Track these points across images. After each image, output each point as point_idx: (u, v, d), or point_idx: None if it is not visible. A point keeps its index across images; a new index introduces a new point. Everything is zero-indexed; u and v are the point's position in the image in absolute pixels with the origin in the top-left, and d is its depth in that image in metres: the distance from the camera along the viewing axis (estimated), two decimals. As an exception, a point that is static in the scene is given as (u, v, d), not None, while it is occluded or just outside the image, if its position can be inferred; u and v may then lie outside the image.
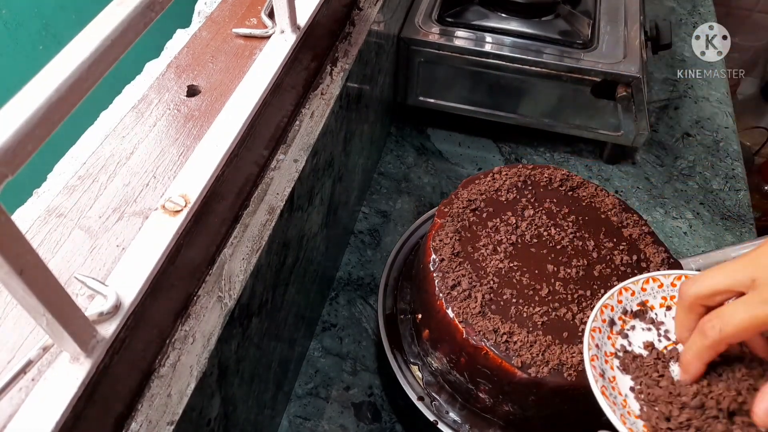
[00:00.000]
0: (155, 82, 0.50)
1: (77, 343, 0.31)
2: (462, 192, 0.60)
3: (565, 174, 0.62)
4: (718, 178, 0.92)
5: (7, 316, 0.34)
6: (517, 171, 0.62)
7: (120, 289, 0.35)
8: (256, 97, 0.48)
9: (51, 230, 0.38)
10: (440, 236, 0.56)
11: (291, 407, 0.65)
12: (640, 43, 0.85)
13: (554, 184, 0.61)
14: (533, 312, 0.51)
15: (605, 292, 0.52)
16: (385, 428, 0.64)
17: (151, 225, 0.39)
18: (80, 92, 0.26)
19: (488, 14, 0.88)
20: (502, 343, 0.49)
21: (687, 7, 1.23)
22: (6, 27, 0.89)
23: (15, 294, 0.26)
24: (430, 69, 0.88)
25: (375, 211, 0.85)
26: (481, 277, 0.53)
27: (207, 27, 0.56)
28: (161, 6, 0.31)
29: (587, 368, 0.41)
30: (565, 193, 0.61)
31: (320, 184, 0.60)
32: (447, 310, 0.51)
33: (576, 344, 0.49)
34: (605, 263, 0.55)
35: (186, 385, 0.39)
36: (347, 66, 0.63)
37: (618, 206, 0.60)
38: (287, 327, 0.59)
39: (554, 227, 0.57)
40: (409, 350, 0.59)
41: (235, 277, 0.45)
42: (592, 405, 0.40)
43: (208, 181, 0.42)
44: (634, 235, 0.57)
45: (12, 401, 0.31)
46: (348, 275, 0.77)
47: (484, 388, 0.52)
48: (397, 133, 0.96)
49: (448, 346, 0.53)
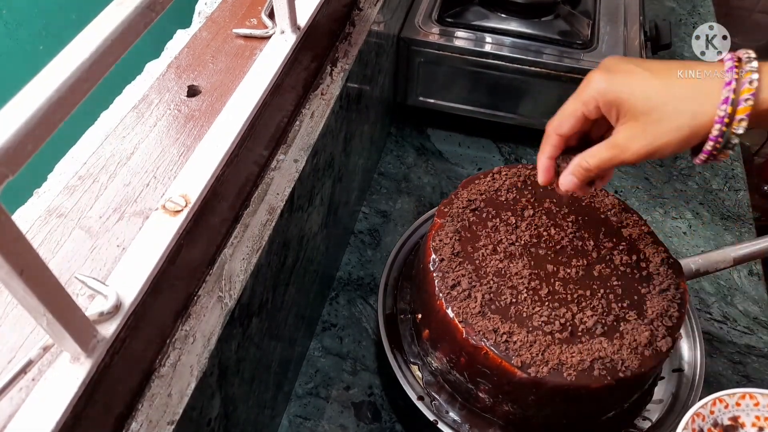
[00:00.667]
0: (155, 83, 0.50)
1: (78, 343, 0.31)
2: (462, 192, 0.60)
3: None
4: (717, 178, 0.92)
5: (7, 316, 0.34)
6: (517, 171, 0.62)
7: (120, 289, 0.35)
8: (257, 98, 0.48)
9: (51, 230, 0.38)
10: (440, 236, 0.56)
11: (291, 407, 0.65)
12: (639, 43, 0.85)
13: (554, 184, 0.61)
14: (533, 312, 0.51)
15: (605, 292, 0.52)
16: (385, 428, 0.64)
17: (151, 225, 0.39)
18: (80, 92, 0.26)
19: (488, 14, 0.88)
20: (502, 343, 0.49)
21: (687, 7, 1.23)
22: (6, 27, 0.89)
23: (15, 294, 0.26)
24: (430, 69, 0.88)
25: (375, 211, 0.85)
26: (481, 277, 0.53)
27: (207, 27, 0.56)
28: (161, 6, 0.31)
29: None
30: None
31: (320, 184, 0.60)
32: (447, 310, 0.51)
33: (575, 344, 0.49)
34: (605, 263, 0.55)
35: (186, 385, 0.39)
36: (347, 66, 0.63)
37: (617, 206, 0.60)
38: (287, 327, 0.59)
39: (554, 227, 0.57)
40: (409, 350, 0.59)
41: (236, 277, 0.45)
42: (590, 405, 0.40)
43: (209, 181, 0.42)
44: (633, 235, 0.57)
45: (12, 401, 0.31)
46: (348, 275, 0.77)
47: (484, 387, 0.52)
48: (397, 133, 0.96)
49: (448, 346, 0.53)
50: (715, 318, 0.75)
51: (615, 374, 0.48)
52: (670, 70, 0.40)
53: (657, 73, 0.40)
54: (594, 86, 0.42)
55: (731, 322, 0.74)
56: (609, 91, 0.41)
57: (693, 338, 0.62)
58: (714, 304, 0.76)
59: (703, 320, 0.74)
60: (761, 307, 0.76)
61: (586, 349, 0.49)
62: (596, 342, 0.49)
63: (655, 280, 0.54)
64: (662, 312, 0.52)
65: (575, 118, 0.44)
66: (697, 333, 0.62)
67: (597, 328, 0.50)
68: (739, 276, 0.79)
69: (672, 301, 0.53)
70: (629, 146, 0.41)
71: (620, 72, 0.41)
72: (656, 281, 0.54)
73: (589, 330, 0.50)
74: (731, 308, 0.76)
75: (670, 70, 0.40)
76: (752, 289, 0.78)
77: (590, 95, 0.42)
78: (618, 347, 0.49)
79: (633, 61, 0.42)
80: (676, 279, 0.54)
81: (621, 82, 0.41)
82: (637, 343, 0.49)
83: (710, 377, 0.69)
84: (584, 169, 0.44)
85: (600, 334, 0.50)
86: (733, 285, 0.78)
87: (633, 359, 0.49)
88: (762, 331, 0.74)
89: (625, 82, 0.40)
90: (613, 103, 0.41)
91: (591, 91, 0.42)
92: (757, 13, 1.72)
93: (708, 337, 0.73)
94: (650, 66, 0.41)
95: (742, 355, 0.71)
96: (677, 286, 0.54)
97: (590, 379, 0.47)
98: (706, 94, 0.38)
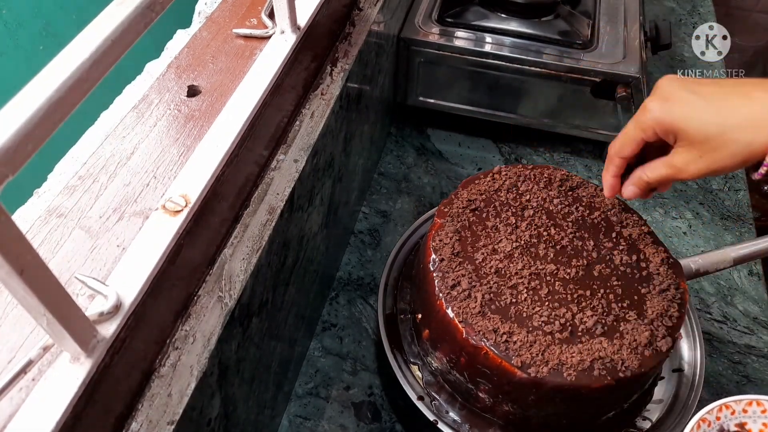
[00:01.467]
0: (156, 83, 0.50)
1: (78, 343, 0.31)
2: (462, 192, 0.60)
3: (565, 174, 0.62)
4: (717, 178, 0.92)
5: (7, 316, 0.34)
6: (517, 171, 0.62)
7: (120, 289, 0.35)
8: (257, 98, 0.48)
9: (51, 230, 0.38)
10: (440, 236, 0.56)
11: (291, 407, 0.65)
12: (639, 43, 0.85)
13: (554, 184, 0.61)
14: (533, 312, 0.51)
15: (605, 292, 0.52)
16: (385, 428, 0.64)
17: (151, 225, 0.39)
18: (80, 92, 0.26)
19: (488, 14, 0.88)
20: (502, 343, 0.49)
21: (687, 8, 1.23)
22: (6, 27, 0.89)
23: (15, 294, 0.26)
24: (430, 69, 0.88)
25: (375, 211, 0.85)
26: (481, 277, 0.53)
27: (207, 27, 0.56)
28: (161, 6, 0.31)
29: None
30: (565, 193, 0.61)
31: (320, 184, 0.60)
32: (447, 310, 0.51)
33: (575, 344, 0.49)
34: (605, 263, 0.55)
35: (186, 385, 0.39)
36: (347, 66, 0.63)
37: (617, 206, 0.60)
38: (287, 327, 0.59)
39: (554, 227, 0.57)
40: (409, 350, 0.59)
41: (236, 277, 0.45)
42: (590, 405, 0.40)
43: (209, 181, 0.42)
44: (633, 235, 0.57)
45: (12, 401, 0.31)
46: (348, 275, 0.77)
47: (484, 387, 0.52)
48: (397, 133, 0.96)
49: (448, 346, 0.53)
50: (715, 318, 0.75)
51: (615, 374, 0.48)
52: (725, 97, 0.42)
53: (712, 100, 0.42)
54: (651, 115, 0.45)
55: (731, 322, 0.75)
56: (666, 120, 0.44)
57: (693, 338, 0.62)
58: (714, 304, 0.76)
59: (703, 320, 0.74)
60: (761, 307, 0.76)
61: (586, 349, 0.49)
62: (596, 342, 0.49)
63: (655, 280, 0.54)
64: (662, 312, 0.52)
65: (635, 142, 0.47)
66: (697, 333, 0.62)
67: (597, 328, 0.50)
68: (739, 276, 0.79)
69: (672, 301, 0.53)
70: (686, 169, 0.44)
71: (676, 101, 0.43)
72: (656, 281, 0.54)
73: (589, 330, 0.50)
74: (731, 308, 0.76)
75: (726, 97, 0.42)
76: (752, 289, 0.78)
77: (648, 124, 0.45)
78: (618, 347, 0.49)
79: (688, 87, 0.44)
80: (676, 279, 0.54)
81: (677, 111, 0.43)
82: (637, 343, 0.49)
83: (710, 377, 0.69)
84: (644, 181, 0.49)
85: (600, 334, 0.50)
86: (733, 285, 0.78)
87: (633, 359, 0.49)
88: (762, 331, 0.74)
89: (681, 111, 0.43)
90: (670, 130, 0.44)
91: (649, 120, 0.45)
92: (757, 13, 1.72)
93: (708, 337, 0.73)
94: (705, 92, 0.43)
95: (742, 355, 0.71)
96: (677, 286, 0.54)
97: (590, 379, 0.47)
98: (759, 125, 0.40)
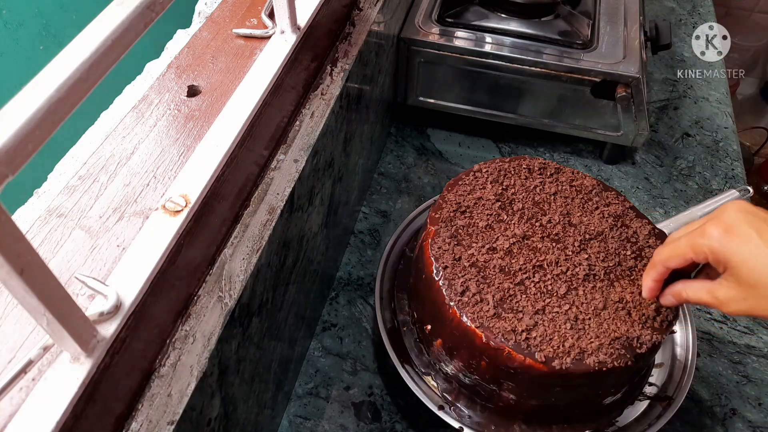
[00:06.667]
0: (156, 83, 0.50)
1: (78, 343, 0.31)
2: (449, 195, 0.59)
3: (542, 162, 0.63)
4: (717, 178, 0.92)
5: (7, 316, 0.34)
6: (496, 165, 0.62)
7: (120, 289, 0.35)
8: (257, 98, 0.48)
9: (51, 230, 0.38)
10: (437, 244, 0.55)
11: (291, 407, 0.65)
12: (639, 43, 0.85)
13: (534, 173, 0.62)
14: (545, 304, 0.51)
15: (606, 272, 0.55)
16: (385, 428, 0.64)
17: (151, 225, 0.39)
18: (80, 92, 0.26)
19: (488, 14, 0.88)
20: (523, 341, 0.49)
21: (687, 8, 1.23)
22: (6, 27, 0.89)
23: (15, 294, 0.26)
24: (430, 69, 0.88)
25: (375, 211, 0.85)
26: (487, 278, 0.53)
27: (207, 27, 0.56)
28: (161, 6, 0.31)
29: None
30: (546, 180, 0.61)
31: (320, 184, 0.60)
32: (461, 317, 0.51)
33: (591, 329, 0.50)
34: (599, 243, 0.56)
35: (186, 385, 0.39)
36: (347, 66, 0.63)
37: (597, 186, 0.61)
38: (287, 327, 0.59)
39: (543, 215, 0.58)
40: (419, 362, 0.59)
41: (236, 277, 0.45)
42: (611, 383, 0.40)
43: (209, 181, 0.42)
44: (618, 212, 0.59)
45: (12, 401, 0.31)
46: (348, 275, 0.77)
47: (508, 386, 0.52)
48: (397, 133, 0.96)
49: (467, 352, 0.53)
50: (715, 318, 0.75)
51: (633, 351, 0.50)
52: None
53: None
54: (708, 242, 0.44)
55: (731, 322, 0.75)
56: (721, 252, 0.43)
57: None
58: (714, 304, 0.76)
59: (703, 320, 0.74)
60: (761, 307, 0.76)
61: (602, 331, 0.50)
62: (610, 322, 0.51)
63: (647, 252, 0.56)
64: None
65: (684, 259, 0.47)
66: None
67: (607, 308, 0.51)
68: (739, 276, 0.79)
69: None
70: (728, 305, 0.44)
71: (737, 236, 0.42)
72: (647, 253, 0.56)
73: (600, 312, 0.51)
74: (731, 308, 0.76)
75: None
76: (752, 289, 0.77)
77: (702, 249, 0.44)
78: (630, 324, 0.51)
79: (754, 224, 0.42)
80: None
81: (735, 247, 0.42)
82: (647, 316, 0.51)
83: (710, 377, 0.69)
84: (683, 299, 0.49)
85: (612, 315, 0.51)
86: (733, 285, 0.78)
87: (646, 333, 0.50)
88: (762, 331, 0.74)
89: (739, 249, 0.42)
90: (722, 261, 0.43)
91: (704, 247, 0.44)
92: (757, 13, 1.72)
93: (708, 337, 0.73)
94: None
95: (742, 355, 0.71)
96: None
97: (612, 360, 0.49)
98: None
